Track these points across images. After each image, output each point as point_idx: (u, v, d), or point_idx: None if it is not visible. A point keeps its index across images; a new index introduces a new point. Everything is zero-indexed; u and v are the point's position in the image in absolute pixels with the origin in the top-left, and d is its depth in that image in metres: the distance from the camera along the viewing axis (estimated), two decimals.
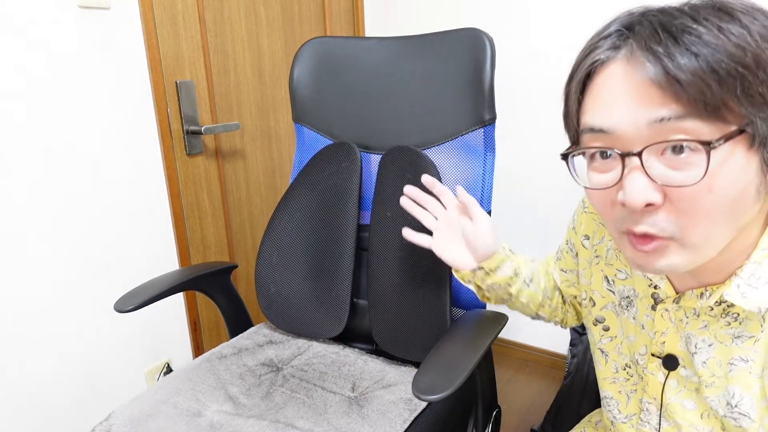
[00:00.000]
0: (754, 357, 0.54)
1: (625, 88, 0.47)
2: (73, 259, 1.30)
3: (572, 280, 0.80)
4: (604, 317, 0.72)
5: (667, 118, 0.45)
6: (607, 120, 0.49)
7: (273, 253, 1.21)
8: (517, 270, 0.79)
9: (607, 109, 0.49)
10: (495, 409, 1.02)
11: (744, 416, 0.55)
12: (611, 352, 0.71)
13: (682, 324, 0.60)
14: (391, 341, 1.10)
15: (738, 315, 0.55)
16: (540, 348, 2.02)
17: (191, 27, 1.47)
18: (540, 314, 0.85)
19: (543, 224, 1.87)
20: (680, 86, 0.44)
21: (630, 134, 0.47)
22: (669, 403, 0.63)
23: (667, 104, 0.45)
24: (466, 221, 0.82)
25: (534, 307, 0.83)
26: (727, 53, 0.44)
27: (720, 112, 0.44)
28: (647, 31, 0.46)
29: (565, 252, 0.80)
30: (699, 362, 0.58)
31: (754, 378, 0.54)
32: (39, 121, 1.20)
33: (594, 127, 0.50)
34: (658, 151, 0.47)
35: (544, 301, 0.83)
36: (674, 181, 0.47)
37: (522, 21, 1.73)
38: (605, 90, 0.49)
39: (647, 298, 0.64)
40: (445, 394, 0.72)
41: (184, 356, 1.59)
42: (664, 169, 0.47)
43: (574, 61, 0.53)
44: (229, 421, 0.93)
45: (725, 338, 0.56)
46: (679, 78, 0.44)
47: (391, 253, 1.10)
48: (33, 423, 1.28)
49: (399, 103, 1.15)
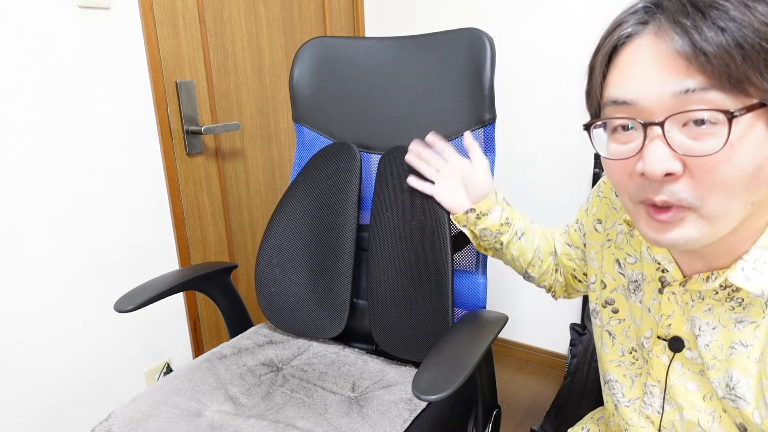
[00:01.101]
0: (754, 342, 0.55)
1: (652, 60, 0.48)
2: (73, 259, 1.30)
3: (573, 255, 0.83)
4: (614, 299, 0.73)
5: (692, 90, 0.46)
6: (631, 92, 0.50)
7: (273, 253, 1.21)
8: (508, 219, 0.86)
9: (632, 81, 0.50)
10: (495, 409, 1.02)
11: (740, 399, 0.57)
12: (619, 335, 0.72)
13: (687, 307, 0.61)
14: (391, 341, 1.10)
15: (742, 300, 0.56)
16: (540, 348, 2.02)
17: (191, 27, 1.47)
18: (529, 272, 0.89)
19: (543, 223, 1.86)
20: (706, 58, 0.45)
21: (653, 105, 0.48)
22: (672, 385, 0.64)
23: (692, 75, 0.46)
24: (464, 162, 0.92)
25: (524, 263, 0.88)
26: (752, 29, 0.45)
27: (743, 86, 0.46)
28: (675, 6, 0.47)
29: (573, 229, 0.83)
30: (702, 344, 0.60)
31: (752, 362, 0.55)
32: (39, 121, 1.20)
33: (618, 99, 0.51)
34: (680, 122, 0.48)
35: (534, 260, 0.87)
36: (695, 150, 0.47)
37: (522, 21, 1.73)
38: (631, 63, 0.50)
39: (654, 281, 0.65)
40: (445, 394, 0.72)
41: (184, 356, 1.59)
42: (684, 139, 0.48)
43: (600, 37, 0.54)
44: (229, 421, 0.93)
45: (728, 322, 0.57)
46: (706, 50, 0.45)
47: (390, 253, 1.10)
48: (33, 423, 1.28)
49: (399, 103, 1.15)
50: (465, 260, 1.11)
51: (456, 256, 1.09)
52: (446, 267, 1.02)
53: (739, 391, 0.57)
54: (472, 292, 1.10)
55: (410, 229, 1.08)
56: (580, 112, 1.66)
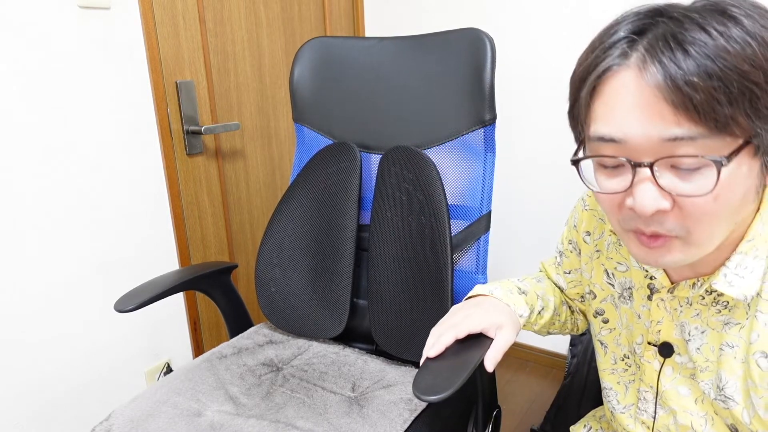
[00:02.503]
0: (739, 343, 0.56)
1: (638, 101, 0.48)
2: (73, 259, 1.30)
3: (577, 280, 0.81)
4: (604, 309, 0.74)
5: (680, 138, 0.46)
6: (619, 130, 0.49)
7: (273, 253, 1.21)
8: (531, 308, 0.77)
9: (619, 120, 0.49)
10: (495, 409, 1.02)
11: (730, 399, 0.58)
12: (610, 344, 0.73)
13: (676, 313, 0.62)
14: (391, 341, 1.10)
15: (727, 303, 0.58)
16: (540, 348, 2.02)
17: (191, 27, 1.47)
18: (551, 332, 0.86)
19: (543, 224, 1.87)
20: (692, 105, 0.45)
21: (642, 146, 0.48)
22: (664, 390, 0.65)
23: (679, 123, 0.46)
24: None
25: (544, 330, 0.83)
26: (738, 71, 0.44)
27: (729, 128, 0.46)
28: (660, 41, 0.46)
29: (567, 252, 0.81)
30: (693, 348, 0.61)
31: (738, 363, 0.57)
32: (39, 121, 1.20)
33: (605, 136, 0.51)
34: (668, 164, 0.48)
35: (554, 319, 0.83)
36: (684, 191, 0.48)
37: (522, 21, 1.73)
38: (617, 99, 0.49)
39: (643, 288, 0.66)
40: (445, 395, 0.72)
41: (184, 356, 1.59)
42: (673, 179, 0.49)
43: (580, 63, 0.54)
44: (229, 421, 0.93)
45: (716, 325, 0.59)
46: (689, 92, 0.44)
47: (391, 253, 1.10)
48: (33, 423, 1.28)
49: (399, 103, 1.15)
50: (465, 260, 1.11)
51: (456, 256, 1.09)
52: (446, 267, 1.02)
53: (728, 391, 0.58)
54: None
55: (410, 229, 1.08)
56: None
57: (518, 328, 0.74)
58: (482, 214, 1.06)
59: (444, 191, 1.04)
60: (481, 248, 1.07)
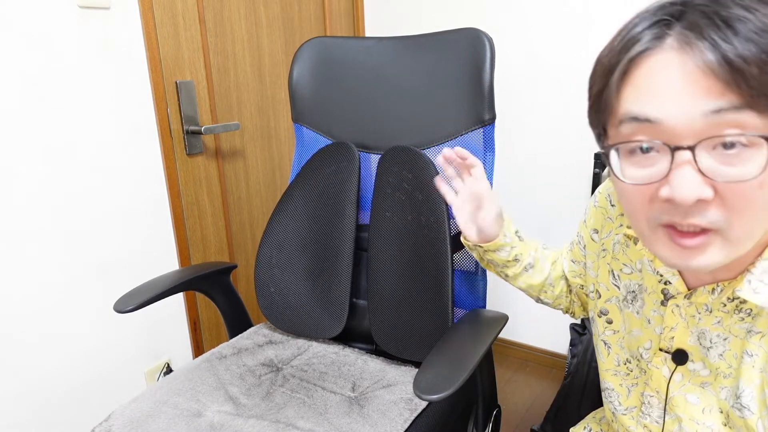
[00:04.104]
0: (759, 352, 0.55)
1: (680, 77, 0.45)
2: (73, 259, 1.30)
3: (578, 271, 0.82)
4: (608, 310, 0.73)
5: (725, 109, 0.43)
6: (656, 109, 0.46)
7: (273, 253, 1.21)
8: (517, 255, 0.83)
9: (657, 99, 0.46)
10: (495, 408, 1.02)
11: (745, 408, 0.56)
12: (614, 345, 0.72)
13: (694, 320, 0.60)
14: (391, 341, 1.10)
15: (750, 310, 0.55)
16: (540, 348, 2.02)
17: (191, 27, 1.47)
18: (542, 299, 0.88)
19: (543, 224, 1.87)
20: (742, 75, 0.42)
21: (681, 126, 0.45)
22: (672, 397, 0.64)
23: (726, 94, 0.43)
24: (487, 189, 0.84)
25: (534, 291, 0.86)
26: None
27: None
28: (702, 19, 0.44)
29: (575, 244, 0.82)
30: (715, 355, 0.58)
31: (756, 372, 0.55)
32: (39, 121, 1.20)
33: (639, 116, 0.47)
34: (710, 146, 0.45)
35: (545, 287, 0.85)
36: (728, 176, 0.45)
37: (522, 21, 1.73)
38: (655, 80, 0.46)
39: (656, 293, 0.64)
40: (446, 394, 0.72)
41: (184, 356, 1.59)
42: (715, 163, 0.45)
43: (606, 52, 0.51)
44: (229, 421, 0.93)
45: (739, 332, 0.56)
46: (742, 67, 0.42)
47: (390, 253, 1.10)
48: (33, 423, 1.28)
49: (398, 103, 1.15)
50: (465, 260, 1.11)
51: (456, 256, 1.09)
52: (446, 267, 1.02)
53: (744, 400, 0.56)
54: (472, 291, 1.10)
55: (410, 229, 1.08)
56: (579, 112, 1.66)
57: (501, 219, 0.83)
58: None
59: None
60: None
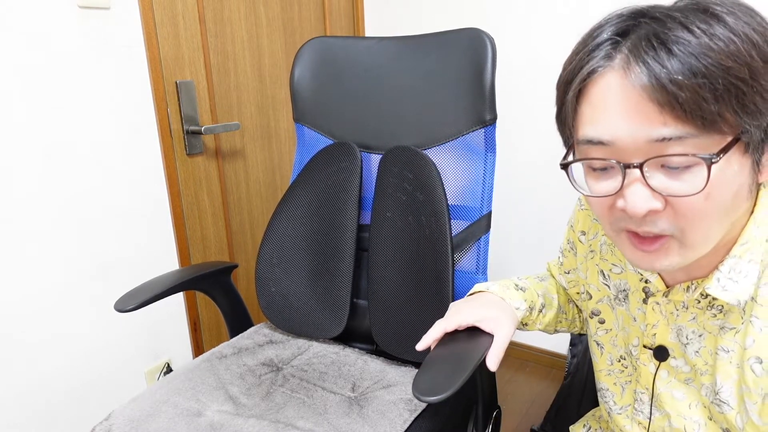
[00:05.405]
0: (734, 347, 0.56)
1: (623, 102, 0.47)
2: (74, 259, 1.30)
3: (576, 280, 0.82)
4: (600, 310, 0.74)
5: (667, 138, 0.46)
6: (606, 133, 0.49)
7: (273, 253, 1.21)
8: (531, 305, 0.77)
9: (606, 122, 0.49)
10: (495, 409, 1.02)
11: (724, 403, 0.58)
12: (606, 345, 0.73)
13: (672, 316, 0.62)
14: (392, 341, 1.10)
15: (722, 307, 0.57)
16: (540, 348, 2.02)
17: (191, 27, 1.47)
18: (558, 330, 0.86)
19: (543, 224, 1.87)
20: (678, 104, 0.44)
21: (630, 147, 0.48)
22: (659, 393, 0.65)
23: (666, 123, 0.46)
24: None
25: (551, 327, 0.84)
26: (723, 68, 0.44)
27: (717, 125, 0.45)
28: (642, 41, 0.46)
29: (566, 251, 0.82)
30: (692, 352, 0.61)
31: (734, 367, 0.56)
32: (39, 121, 1.20)
33: (593, 139, 0.50)
34: (658, 164, 0.48)
35: (560, 317, 0.84)
36: (675, 191, 0.48)
37: (523, 21, 1.73)
38: (603, 102, 0.49)
39: (638, 291, 0.66)
40: (445, 396, 0.72)
41: (184, 356, 1.59)
42: (664, 179, 0.48)
43: (565, 67, 0.54)
44: (229, 421, 0.93)
45: (713, 329, 0.58)
46: (674, 92, 0.44)
47: (391, 253, 1.10)
48: (33, 423, 1.28)
49: (399, 103, 1.15)
50: (465, 260, 1.11)
51: (456, 256, 1.09)
52: (446, 267, 1.02)
53: (723, 396, 0.57)
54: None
55: (411, 230, 1.08)
56: None
57: (516, 321, 0.73)
58: (483, 215, 1.06)
59: (444, 191, 1.04)
60: (481, 248, 1.07)
